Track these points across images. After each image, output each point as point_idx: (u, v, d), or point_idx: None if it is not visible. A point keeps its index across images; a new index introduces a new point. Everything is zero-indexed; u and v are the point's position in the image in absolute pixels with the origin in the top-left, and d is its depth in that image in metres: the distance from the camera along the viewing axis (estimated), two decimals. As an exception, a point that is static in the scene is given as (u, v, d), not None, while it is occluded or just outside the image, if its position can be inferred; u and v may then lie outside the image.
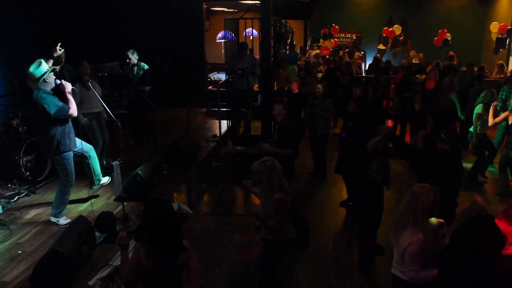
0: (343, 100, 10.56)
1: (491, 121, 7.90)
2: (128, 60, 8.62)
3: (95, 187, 6.77)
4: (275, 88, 10.24)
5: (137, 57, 8.70)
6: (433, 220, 3.40)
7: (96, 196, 6.56)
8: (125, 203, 5.96)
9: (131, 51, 8.67)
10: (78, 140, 6.06)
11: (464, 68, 13.75)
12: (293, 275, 5.30)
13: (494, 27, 15.58)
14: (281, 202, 4.06)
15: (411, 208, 3.25)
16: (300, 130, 7.99)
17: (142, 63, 8.73)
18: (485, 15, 18.49)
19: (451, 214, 4.78)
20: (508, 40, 15.82)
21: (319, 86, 8.17)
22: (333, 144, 8.90)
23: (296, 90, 10.24)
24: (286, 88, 10.75)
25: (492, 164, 8.58)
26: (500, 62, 14.68)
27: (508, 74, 12.97)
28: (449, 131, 5.08)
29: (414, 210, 3.24)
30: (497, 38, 15.47)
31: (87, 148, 6.40)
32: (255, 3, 10.68)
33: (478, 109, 7.89)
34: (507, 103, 8.21)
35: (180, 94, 11.90)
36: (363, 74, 15.25)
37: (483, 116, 7.85)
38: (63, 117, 5.53)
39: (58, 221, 5.79)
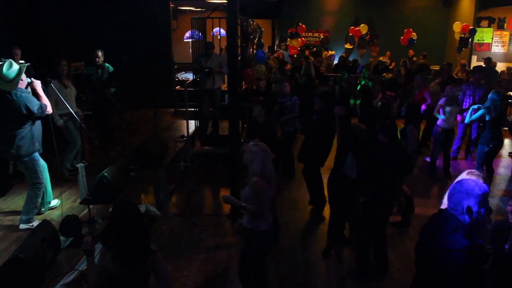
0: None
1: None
2: (97, 59, 8.43)
3: (43, 210, 6.18)
4: (243, 87, 10.24)
5: (103, 58, 8.53)
6: None
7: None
8: (91, 206, 5.85)
9: (100, 50, 8.50)
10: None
11: (438, 67, 14.13)
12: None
13: (457, 27, 15.96)
14: (256, 185, 4.03)
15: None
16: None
17: (107, 64, 8.57)
18: (448, 15, 18.92)
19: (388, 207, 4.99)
20: (470, 39, 16.24)
21: (287, 84, 8.23)
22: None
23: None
24: (254, 87, 10.78)
25: None
26: (463, 61, 15.10)
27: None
28: (386, 124, 5.25)
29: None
30: (460, 37, 15.84)
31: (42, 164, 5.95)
32: (222, 3, 10.65)
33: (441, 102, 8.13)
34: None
35: (147, 94, 11.75)
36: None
37: (445, 110, 8.02)
38: (41, 115, 5.47)
39: (32, 225, 5.61)
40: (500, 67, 15.73)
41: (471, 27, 15.82)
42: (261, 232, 4.19)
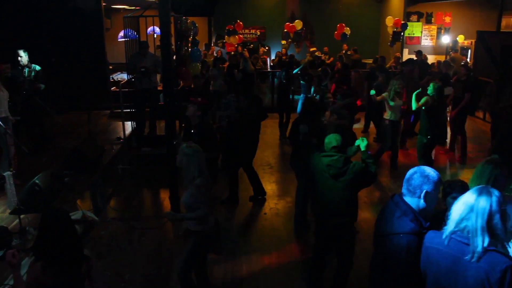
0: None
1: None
2: (19, 58, 8.03)
3: None
4: (180, 86, 10.13)
5: (28, 58, 8.14)
6: None
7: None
8: (22, 216, 5.58)
9: (22, 50, 8.12)
10: None
11: (370, 61, 14.54)
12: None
13: (389, 21, 16.49)
14: (202, 186, 4.04)
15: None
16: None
17: (34, 65, 8.20)
18: (380, 10, 19.53)
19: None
20: (402, 33, 16.84)
21: (222, 82, 8.22)
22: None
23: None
24: (192, 86, 10.70)
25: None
26: (397, 54, 15.69)
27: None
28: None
29: None
30: (394, 31, 16.37)
31: None
32: (156, 1, 10.46)
33: (386, 95, 8.29)
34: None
35: (81, 96, 11.34)
36: (269, 69, 15.53)
37: (389, 103, 8.23)
38: None
39: None
40: (430, 59, 16.44)
41: (402, 22, 16.40)
42: (206, 232, 4.18)
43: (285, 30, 16.69)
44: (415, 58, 13.93)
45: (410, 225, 2.62)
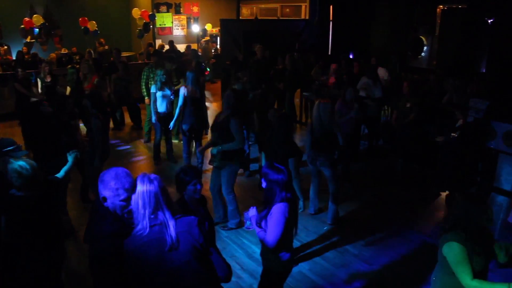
0: None
1: None
2: None
3: None
4: None
5: None
6: None
7: None
8: None
9: None
10: None
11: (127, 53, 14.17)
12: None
13: (136, 13, 16.32)
14: None
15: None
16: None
17: None
18: (128, 3, 19.22)
19: None
20: (151, 24, 16.84)
21: None
22: None
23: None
24: None
25: None
26: (149, 42, 15.69)
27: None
28: None
29: None
30: (144, 23, 16.23)
31: None
32: None
33: (153, 89, 8.17)
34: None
35: None
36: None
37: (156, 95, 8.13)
38: None
39: None
40: (183, 48, 16.84)
41: (150, 13, 16.38)
42: None
43: (22, 26, 15.04)
44: (166, 47, 14.11)
45: (110, 228, 2.58)
